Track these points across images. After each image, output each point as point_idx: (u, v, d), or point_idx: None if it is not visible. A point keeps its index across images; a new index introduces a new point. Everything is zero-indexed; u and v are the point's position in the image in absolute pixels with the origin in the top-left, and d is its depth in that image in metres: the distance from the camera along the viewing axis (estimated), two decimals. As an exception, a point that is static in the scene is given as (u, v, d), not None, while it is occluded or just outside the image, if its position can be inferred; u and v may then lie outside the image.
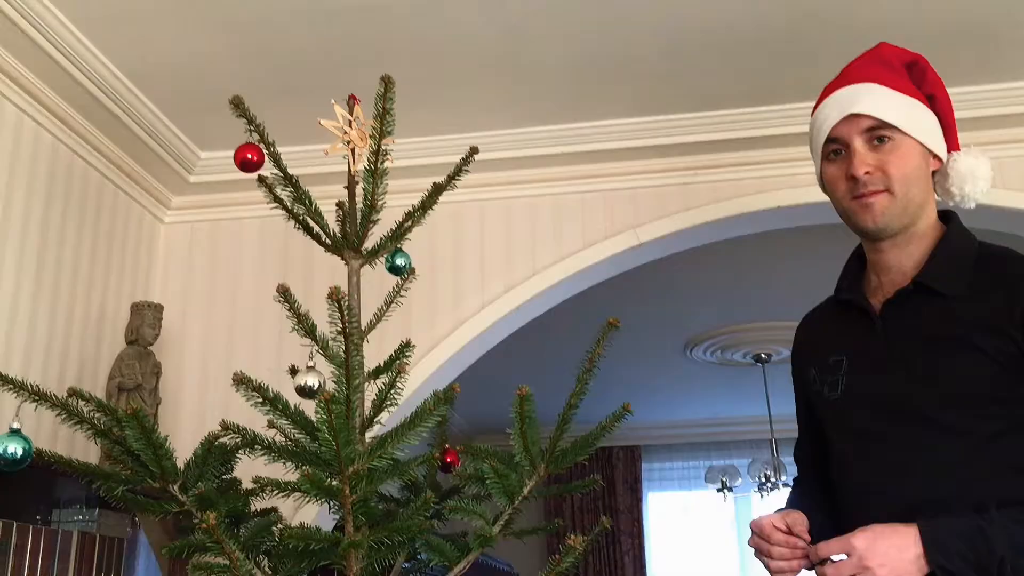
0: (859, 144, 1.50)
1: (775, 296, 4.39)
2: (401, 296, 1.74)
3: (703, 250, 3.21)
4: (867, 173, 1.48)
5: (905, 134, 1.49)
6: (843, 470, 1.55)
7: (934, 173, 1.56)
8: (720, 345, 5.25)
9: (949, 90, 2.72)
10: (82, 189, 2.77)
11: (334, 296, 1.30)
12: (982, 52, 2.61)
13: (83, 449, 2.59)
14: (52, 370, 2.60)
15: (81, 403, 1.37)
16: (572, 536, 1.31)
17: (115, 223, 2.94)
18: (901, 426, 1.45)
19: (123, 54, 2.54)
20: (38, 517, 2.38)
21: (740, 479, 6.43)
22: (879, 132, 1.49)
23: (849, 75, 1.56)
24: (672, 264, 3.31)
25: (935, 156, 1.54)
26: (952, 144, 1.57)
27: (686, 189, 3.01)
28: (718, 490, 6.24)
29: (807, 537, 1.46)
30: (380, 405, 1.49)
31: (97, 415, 1.37)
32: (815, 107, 1.60)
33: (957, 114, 2.75)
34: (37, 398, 1.32)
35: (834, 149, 1.54)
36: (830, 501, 1.59)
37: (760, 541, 1.49)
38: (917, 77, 1.56)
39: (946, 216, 1.56)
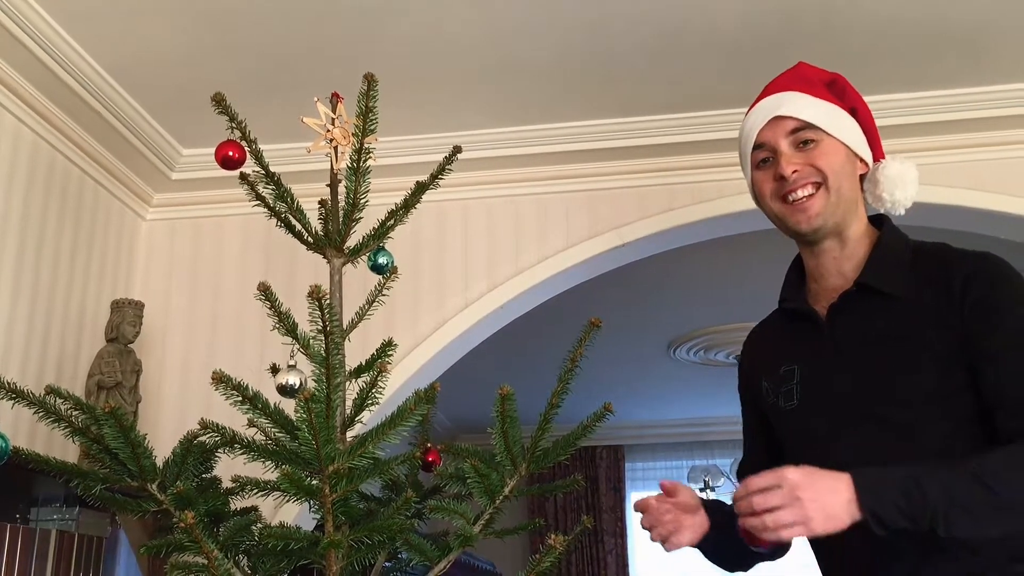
0: (785, 146, 1.53)
1: (758, 296, 4.37)
2: (383, 295, 1.74)
3: (686, 250, 3.22)
4: (795, 171, 1.51)
5: (829, 134, 1.53)
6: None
7: (862, 179, 1.59)
8: (703, 345, 5.26)
9: (929, 93, 2.79)
10: (63, 186, 2.75)
11: (315, 295, 1.30)
12: (963, 56, 2.63)
13: (61, 447, 2.57)
14: (31, 367, 2.58)
15: (59, 401, 1.36)
16: (553, 535, 1.31)
17: (96, 220, 2.92)
18: (857, 428, 1.46)
19: (104, 50, 2.52)
20: (17, 516, 2.36)
21: (723, 479, 6.46)
22: (803, 134, 1.53)
23: (771, 88, 1.61)
24: (655, 264, 3.32)
25: (861, 160, 1.57)
26: (877, 154, 1.60)
27: (669, 190, 3.01)
28: (700, 490, 6.26)
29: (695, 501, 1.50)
30: (361, 404, 1.49)
31: (75, 413, 1.36)
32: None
33: (938, 117, 2.83)
34: (14, 396, 1.31)
35: (763, 157, 1.57)
36: None
37: (649, 516, 1.50)
38: (838, 93, 1.60)
39: (878, 220, 1.59)
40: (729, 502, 1.54)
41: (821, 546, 1.54)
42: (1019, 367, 1.37)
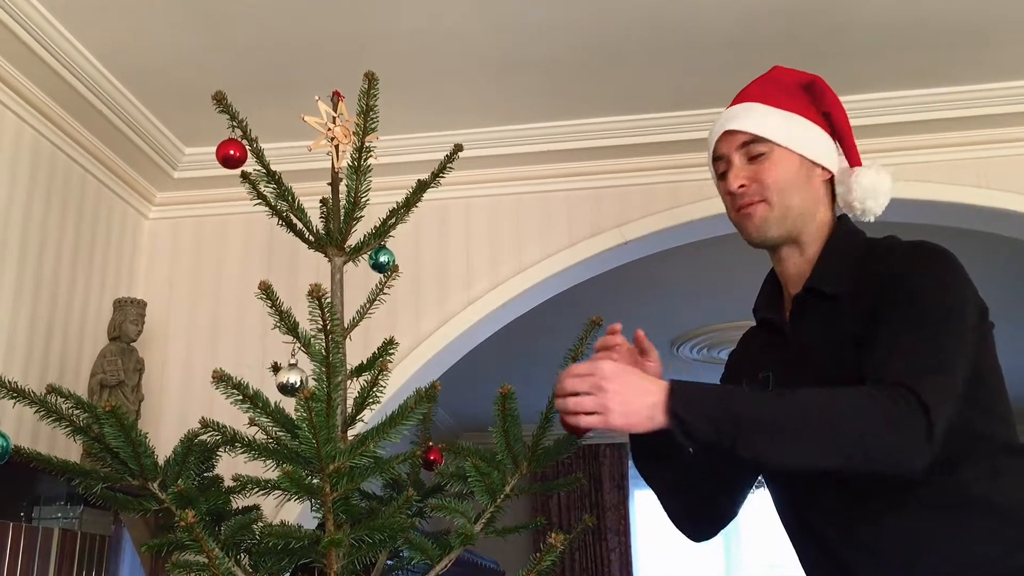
0: (736, 159, 1.55)
1: (761, 294, 4.38)
2: (385, 293, 1.73)
3: (690, 248, 3.21)
4: (742, 186, 1.53)
5: (780, 146, 1.53)
6: (782, 490, 1.57)
7: (835, 186, 1.58)
8: (707, 343, 5.26)
9: (934, 90, 2.78)
10: (65, 185, 2.75)
11: (315, 293, 1.29)
12: (969, 53, 2.62)
13: (64, 446, 2.57)
14: (34, 366, 2.58)
15: (60, 400, 1.36)
16: (553, 534, 1.31)
17: (98, 219, 2.92)
18: None
19: (106, 48, 2.52)
20: (21, 514, 2.36)
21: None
22: (753, 148, 1.54)
23: (738, 96, 1.62)
24: (658, 262, 3.31)
25: (823, 167, 1.56)
26: (853, 159, 1.59)
27: (672, 187, 3.01)
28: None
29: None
30: (362, 403, 1.49)
31: (76, 412, 1.36)
32: None
33: (943, 114, 2.82)
34: (15, 395, 1.31)
35: (723, 170, 1.58)
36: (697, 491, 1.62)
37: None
38: (814, 96, 1.60)
39: (839, 219, 1.59)
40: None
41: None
42: (896, 338, 1.36)
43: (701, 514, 1.67)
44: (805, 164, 1.55)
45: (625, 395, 1.31)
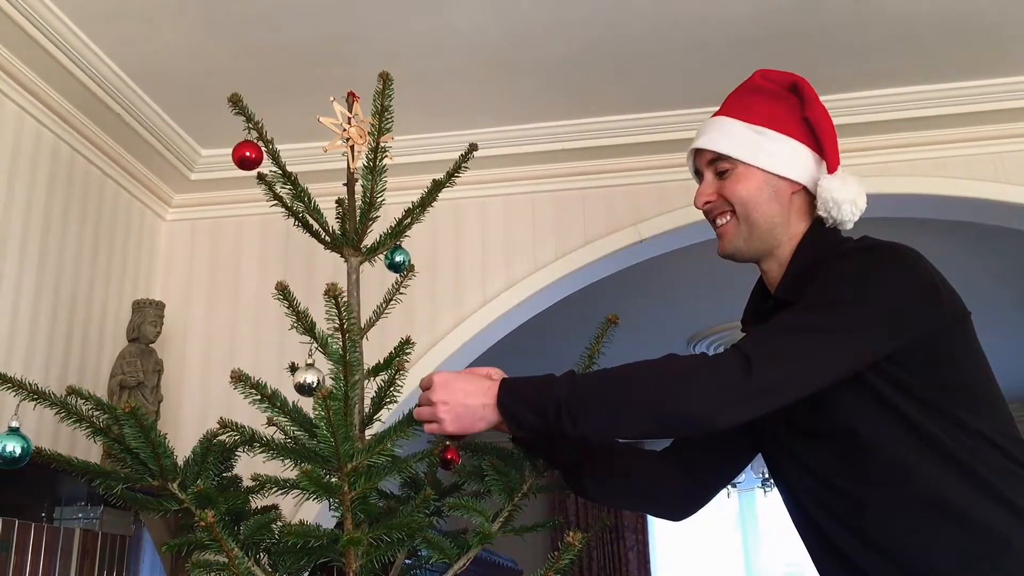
0: (708, 175, 1.58)
1: (778, 292, 4.36)
2: (401, 293, 1.74)
3: (706, 245, 3.19)
4: (707, 203, 1.56)
5: (742, 163, 1.54)
6: (781, 480, 1.57)
7: (811, 196, 1.56)
8: (724, 340, 5.24)
9: (950, 85, 2.76)
10: (83, 187, 2.78)
11: (331, 293, 1.30)
12: (984, 47, 2.60)
13: (85, 447, 2.59)
14: (54, 368, 2.61)
15: (80, 401, 1.37)
16: (571, 533, 1.31)
17: (116, 221, 2.95)
18: (804, 444, 1.46)
19: (123, 51, 2.54)
20: (43, 515, 2.38)
21: (743, 475, 6.42)
22: (719, 164, 1.56)
23: (721, 106, 1.63)
24: (675, 259, 3.30)
25: (791, 180, 1.54)
26: (831, 164, 1.55)
27: (687, 185, 2.99)
28: (722, 486, 6.21)
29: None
30: (380, 402, 1.49)
31: (96, 413, 1.37)
32: None
33: (959, 109, 2.80)
34: (36, 397, 1.32)
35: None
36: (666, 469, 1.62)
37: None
38: (800, 99, 1.58)
39: (810, 227, 1.57)
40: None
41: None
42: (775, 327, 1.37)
43: (662, 499, 1.67)
44: (770, 179, 1.54)
45: (453, 403, 1.38)
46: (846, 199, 1.53)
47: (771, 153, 1.54)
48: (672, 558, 6.86)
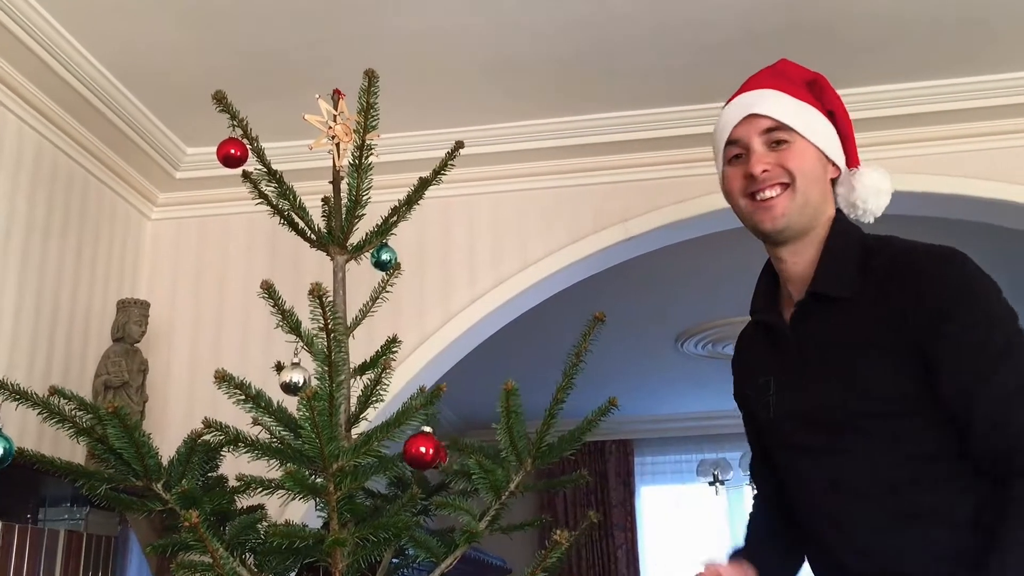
0: (757, 144, 1.51)
1: (766, 289, 4.37)
2: (388, 291, 1.73)
3: (693, 243, 3.20)
4: (765, 171, 1.49)
5: (802, 136, 1.51)
6: (787, 488, 1.56)
7: (835, 184, 1.56)
8: (711, 338, 5.25)
9: (939, 82, 2.77)
10: (67, 186, 2.75)
11: (316, 292, 1.29)
12: (974, 44, 2.61)
13: (70, 448, 2.57)
14: (38, 368, 2.59)
15: (63, 401, 1.36)
16: (558, 532, 1.31)
17: (101, 220, 2.93)
18: (831, 438, 1.45)
19: (106, 49, 2.52)
20: (28, 516, 2.36)
21: (732, 472, 6.43)
22: (776, 134, 1.51)
23: (750, 84, 1.59)
24: (663, 257, 3.30)
25: (833, 164, 1.55)
26: (852, 160, 1.57)
27: (675, 183, 3.00)
28: (710, 483, 6.24)
29: None
30: (366, 401, 1.49)
31: (79, 413, 1.36)
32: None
33: (949, 106, 2.81)
34: (17, 397, 1.31)
35: (736, 153, 1.55)
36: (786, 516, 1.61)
37: None
38: (817, 94, 1.58)
39: (835, 218, 1.56)
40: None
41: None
42: (981, 384, 1.34)
43: None
44: (822, 159, 1.53)
45: None
46: (884, 190, 1.54)
47: (823, 133, 1.53)
48: (661, 556, 6.87)
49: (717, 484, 6.40)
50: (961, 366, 1.35)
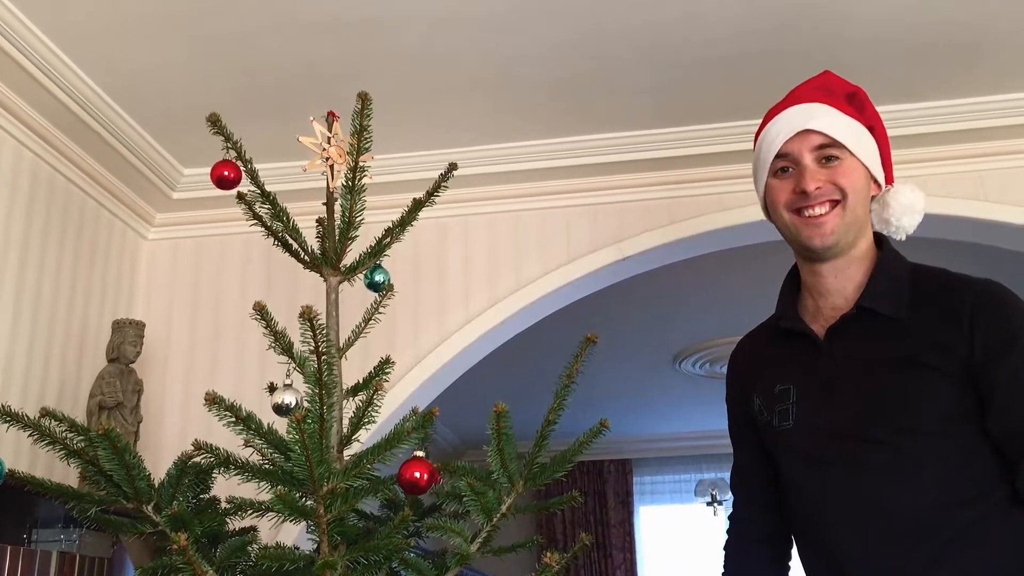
0: (809, 160, 1.51)
1: (763, 308, 4.37)
2: (381, 312, 1.73)
3: (690, 263, 3.21)
4: (818, 188, 1.49)
5: (852, 154, 1.51)
6: (797, 498, 1.55)
7: (872, 200, 1.57)
8: (709, 358, 5.24)
9: (929, 104, 2.78)
10: (64, 206, 2.76)
11: (306, 315, 1.29)
12: (964, 65, 2.62)
13: (63, 469, 2.57)
14: (32, 388, 2.58)
15: (54, 423, 1.35)
16: (548, 554, 1.30)
17: (97, 240, 2.93)
18: (855, 451, 1.45)
19: (103, 70, 2.53)
20: (25, 536, 2.35)
21: (730, 493, 6.40)
22: (828, 151, 1.50)
23: (798, 97, 1.58)
24: (660, 277, 3.31)
25: (875, 181, 1.56)
26: (888, 177, 1.59)
27: (669, 203, 3.01)
28: (708, 503, 6.22)
29: None
30: (358, 423, 1.49)
31: (71, 435, 1.36)
32: (760, 128, 1.61)
33: (941, 127, 2.82)
34: (8, 418, 1.31)
35: (782, 167, 1.54)
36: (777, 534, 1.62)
37: None
38: (857, 107, 1.58)
39: (878, 240, 1.57)
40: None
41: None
42: None
43: None
44: (868, 176, 1.54)
45: None
46: (919, 208, 1.56)
47: (869, 149, 1.54)
48: (659, 576, 6.84)
49: (715, 504, 6.37)
50: (1016, 393, 1.38)
